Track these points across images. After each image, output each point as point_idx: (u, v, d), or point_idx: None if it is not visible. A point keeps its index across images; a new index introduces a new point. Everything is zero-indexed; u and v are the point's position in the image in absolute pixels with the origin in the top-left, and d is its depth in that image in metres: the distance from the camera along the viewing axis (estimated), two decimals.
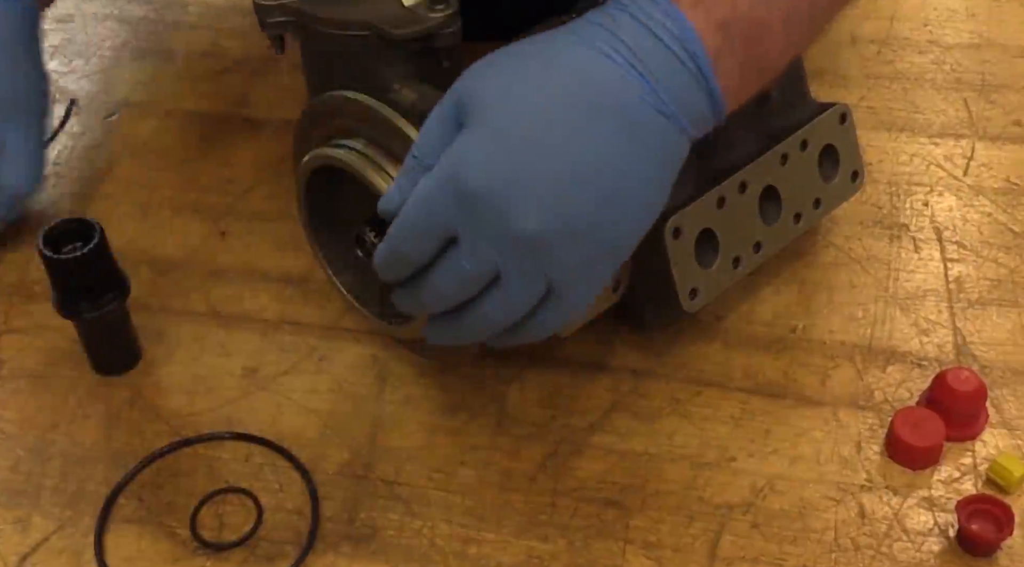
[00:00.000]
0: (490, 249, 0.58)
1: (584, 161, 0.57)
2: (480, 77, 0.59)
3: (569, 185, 0.57)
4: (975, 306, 0.79)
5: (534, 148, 0.56)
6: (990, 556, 0.66)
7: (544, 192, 0.56)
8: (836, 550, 0.66)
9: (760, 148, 0.75)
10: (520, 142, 0.56)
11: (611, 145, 0.57)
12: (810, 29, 0.63)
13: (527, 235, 0.56)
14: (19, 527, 0.69)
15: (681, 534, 0.67)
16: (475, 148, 0.57)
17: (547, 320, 0.61)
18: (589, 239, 0.58)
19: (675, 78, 0.58)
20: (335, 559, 0.67)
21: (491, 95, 0.58)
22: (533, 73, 0.58)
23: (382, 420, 0.74)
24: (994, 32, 1.01)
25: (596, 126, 0.57)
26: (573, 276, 0.59)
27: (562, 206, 0.57)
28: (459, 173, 0.57)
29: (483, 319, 0.61)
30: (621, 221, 0.59)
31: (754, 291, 0.80)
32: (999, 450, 0.71)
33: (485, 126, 0.57)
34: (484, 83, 0.58)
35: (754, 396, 0.74)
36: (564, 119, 0.57)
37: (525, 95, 0.57)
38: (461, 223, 0.58)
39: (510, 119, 0.57)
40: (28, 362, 0.78)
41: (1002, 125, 0.92)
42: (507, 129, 0.57)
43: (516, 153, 0.56)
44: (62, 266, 0.70)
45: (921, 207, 0.86)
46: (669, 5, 0.58)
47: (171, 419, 0.74)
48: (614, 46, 0.57)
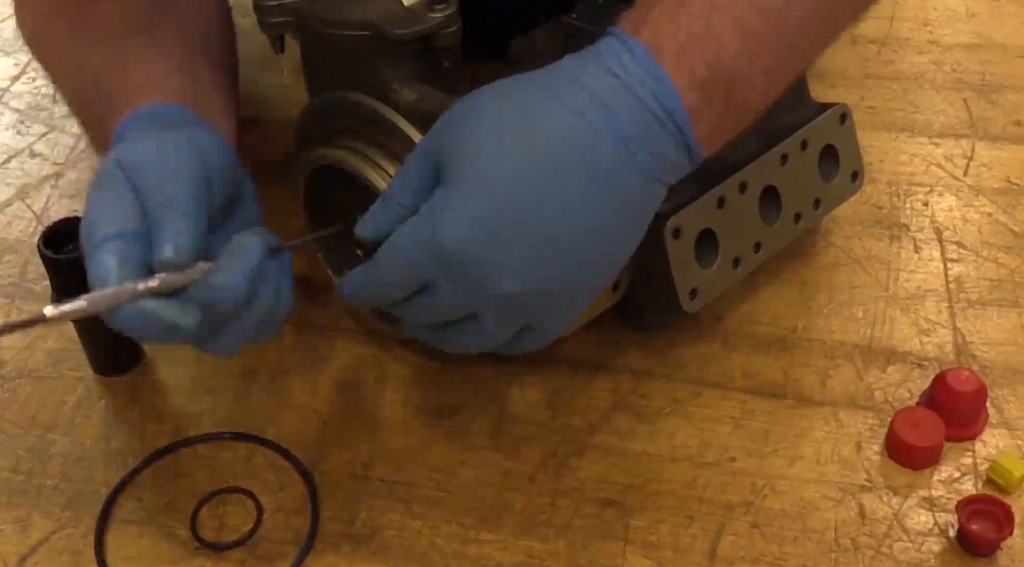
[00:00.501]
0: (466, 300, 0.59)
1: (559, 222, 0.57)
2: (457, 132, 0.59)
3: (545, 247, 0.57)
4: (975, 306, 0.79)
5: (510, 211, 0.57)
6: (990, 556, 0.66)
7: (520, 255, 0.57)
8: (836, 550, 0.66)
9: (760, 148, 0.75)
10: (497, 206, 0.57)
11: (586, 205, 0.57)
12: (790, 74, 0.63)
13: (504, 294, 0.57)
14: (19, 527, 0.69)
15: (681, 534, 0.67)
16: (452, 209, 0.57)
17: (525, 345, 0.62)
18: (568, 292, 0.59)
19: (652, 135, 0.57)
20: (335, 559, 0.67)
21: (468, 154, 0.57)
22: (510, 134, 0.57)
23: (382, 420, 0.74)
24: (994, 32, 1.01)
25: (571, 187, 0.57)
26: (552, 316, 0.61)
27: (539, 268, 0.57)
28: (436, 232, 0.57)
29: (459, 345, 0.62)
30: (598, 271, 0.60)
31: (754, 291, 0.80)
32: (999, 450, 0.71)
33: (461, 186, 0.57)
34: (461, 140, 0.58)
35: (754, 396, 0.74)
36: (539, 183, 0.57)
37: (502, 157, 0.57)
38: (437, 277, 0.58)
39: (486, 181, 0.57)
40: (28, 362, 0.78)
41: (1002, 125, 0.93)
42: (483, 191, 0.57)
43: (492, 216, 0.57)
44: (62, 266, 0.70)
45: (921, 207, 0.86)
46: (650, 61, 0.57)
47: (171, 419, 0.74)
48: (591, 105, 0.57)
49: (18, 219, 0.88)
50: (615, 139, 0.57)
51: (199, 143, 0.64)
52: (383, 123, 0.67)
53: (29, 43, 0.82)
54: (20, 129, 0.96)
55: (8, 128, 0.96)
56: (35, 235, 0.83)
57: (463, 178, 0.57)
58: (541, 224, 0.57)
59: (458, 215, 0.57)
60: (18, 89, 0.99)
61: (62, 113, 0.96)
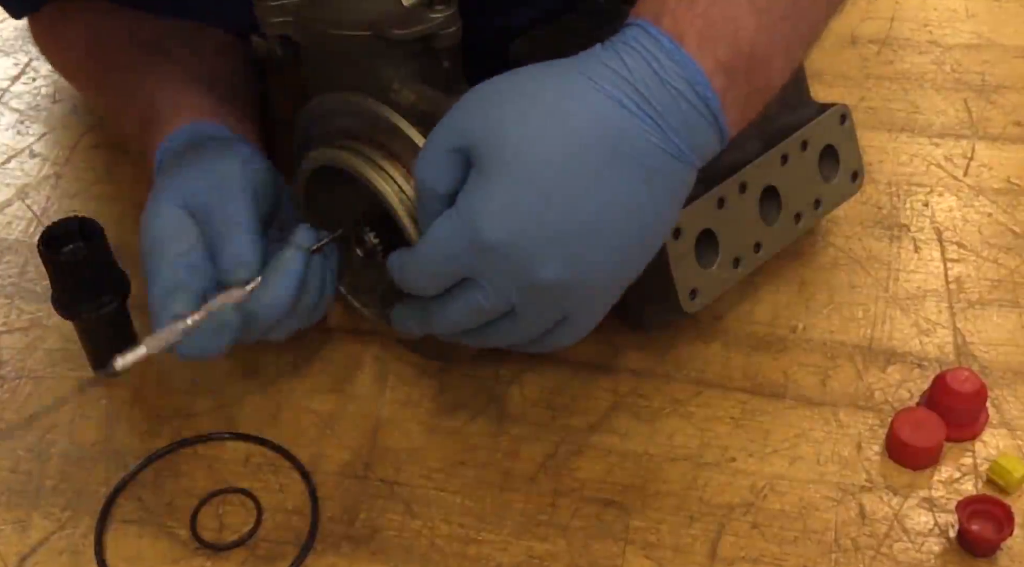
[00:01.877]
0: (508, 291, 0.58)
1: (602, 211, 0.57)
2: (490, 115, 0.58)
3: (588, 235, 0.57)
4: (975, 306, 0.79)
5: (553, 199, 0.56)
6: (990, 556, 0.66)
7: (563, 243, 0.57)
8: (836, 550, 0.66)
9: (760, 148, 0.75)
10: (539, 193, 0.56)
11: (627, 193, 0.57)
12: (805, 48, 0.64)
13: (547, 283, 0.57)
14: (19, 527, 0.69)
15: (681, 534, 0.67)
16: (492, 198, 0.57)
17: (558, 341, 0.62)
18: (606, 280, 0.60)
19: (688, 122, 0.58)
20: (335, 559, 0.67)
21: (506, 140, 0.57)
22: (548, 119, 0.57)
23: (382, 420, 0.74)
24: (994, 32, 1.01)
25: (613, 175, 0.57)
26: (588, 307, 0.61)
27: (581, 255, 0.57)
28: (476, 223, 0.56)
29: (491, 340, 0.62)
30: (637, 260, 0.60)
31: (754, 291, 0.80)
32: (999, 450, 0.71)
33: (501, 174, 0.57)
34: (496, 125, 0.57)
35: (754, 396, 0.74)
36: (581, 169, 0.57)
37: (542, 143, 0.57)
38: (479, 270, 0.58)
39: (527, 169, 0.56)
40: (28, 362, 0.78)
41: (1002, 125, 0.93)
42: (524, 179, 0.56)
43: (535, 204, 0.56)
44: (62, 266, 0.70)
45: (921, 207, 0.86)
46: (675, 47, 0.57)
47: (171, 419, 0.74)
48: (626, 92, 0.57)
49: (18, 219, 0.88)
50: (652, 126, 0.57)
51: (244, 158, 0.68)
52: (383, 123, 0.67)
53: (56, 68, 0.89)
54: (20, 129, 0.96)
55: (8, 128, 0.96)
56: (35, 235, 0.83)
57: (501, 164, 0.57)
58: (584, 214, 0.57)
59: (499, 205, 0.56)
60: (18, 89, 0.99)
61: (62, 113, 0.96)
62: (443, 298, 0.61)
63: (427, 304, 0.62)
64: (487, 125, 0.57)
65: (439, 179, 0.59)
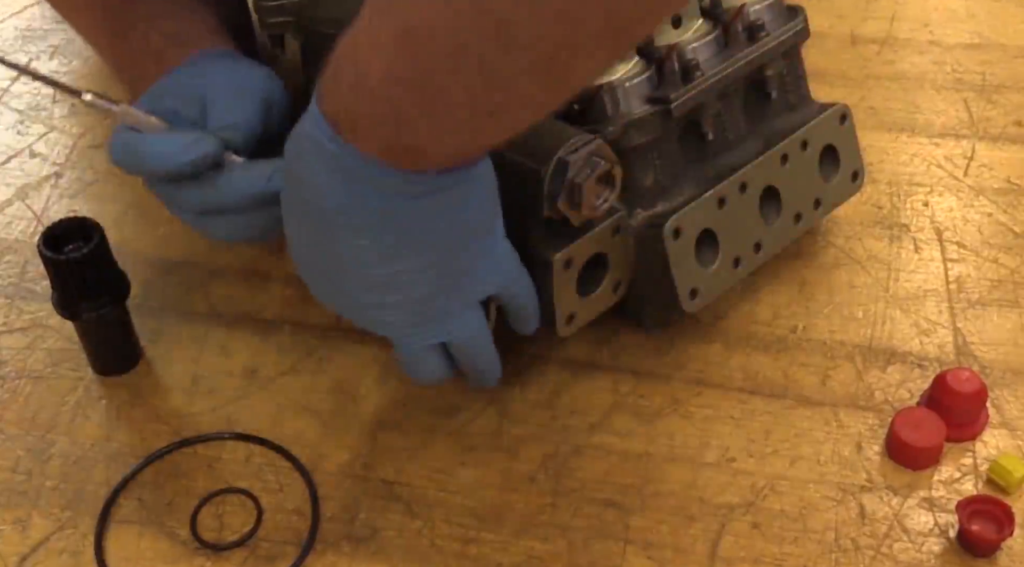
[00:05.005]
0: None
1: (337, 261, 0.62)
2: None
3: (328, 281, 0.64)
4: (975, 306, 0.79)
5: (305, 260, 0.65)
6: (990, 556, 0.66)
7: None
8: (836, 550, 0.66)
9: (760, 148, 0.75)
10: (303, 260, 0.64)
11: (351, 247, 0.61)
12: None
13: None
14: (19, 527, 0.69)
15: (681, 534, 0.67)
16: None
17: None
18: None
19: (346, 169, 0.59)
20: (335, 559, 0.67)
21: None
22: (293, 224, 0.63)
23: (382, 420, 0.74)
24: (994, 32, 1.01)
25: (331, 236, 0.61)
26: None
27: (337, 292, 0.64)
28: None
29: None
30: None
31: (754, 291, 0.80)
32: (999, 450, 0.71)
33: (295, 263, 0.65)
34: None
35: (754, 396, 0.74)
36: (314, 239, 0.62)
37: (294, 238, 0.64)
38: None
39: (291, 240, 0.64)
40: (28, 362, 0.78)
41: (1002, 125, 0.93)
42: (298, 263, 0.65)
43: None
44: (62, 266, 0.70)
45: (921, 207, 0.86)
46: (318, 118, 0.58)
47: (171, 419, 0.74)
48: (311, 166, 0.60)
49: (18, 219, 0.88)
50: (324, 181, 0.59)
51: (265, 72, 0.71)
52: None
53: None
54: (20, 129, 0.96)
55: (8, 128, 0.96)
56: (35, 235, 0.83)
57: None
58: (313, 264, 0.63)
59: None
60: (18, 89, 0.99)
61: (62, 113, 0.96)
62: None
63: None
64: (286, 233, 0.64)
65: None
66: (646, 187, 0.72)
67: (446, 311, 0.64)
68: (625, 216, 0.71)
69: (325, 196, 0.59)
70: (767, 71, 0.75)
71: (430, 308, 0.63)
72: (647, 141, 0.71)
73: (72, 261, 0.70)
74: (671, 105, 0.70)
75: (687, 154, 0.74)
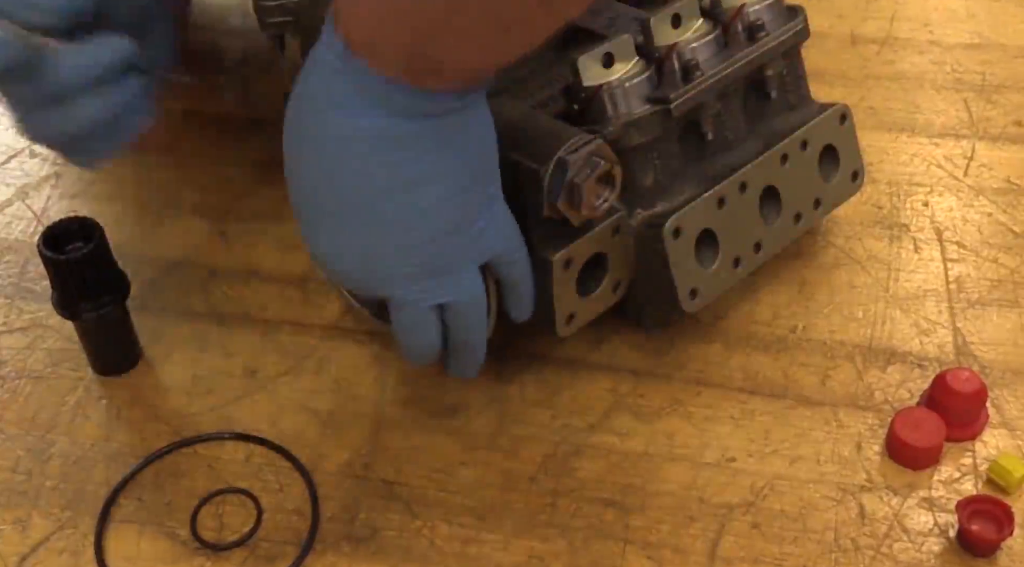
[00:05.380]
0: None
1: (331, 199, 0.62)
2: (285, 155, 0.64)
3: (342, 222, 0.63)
4: (975, 306, 0.79)
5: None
6: (990, 556, 0.66)
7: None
8: (836, 550, 0.66)
9: (760, 148, 0.75)
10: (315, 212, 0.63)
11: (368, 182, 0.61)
12: None
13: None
14: (19, 527, 0.69)
15: (681, 534, 0.67)
16: (304, 236, 0.65)
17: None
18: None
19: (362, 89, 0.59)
20: (335, 559, 0.67)
21: (287, 179, 0.64)
22: (301, 148, 0.62)
23: (382, 420, 0.74)
24: (994, 32, 1.01)
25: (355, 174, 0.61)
26: None
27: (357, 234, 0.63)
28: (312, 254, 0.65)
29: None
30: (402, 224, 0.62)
31: (754, 291, 0.80)
32: (999, 450, 0.71)
33: (294, 212, 0.64)
34: (285, 165, 0.63)
35: (754, 396, 0.74)
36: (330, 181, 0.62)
37: (301, 179, 0.63)
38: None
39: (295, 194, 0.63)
40: (28, 362, 0.78)
41: (1002, 125, 0.93)
42: (300, 211, 0.64)
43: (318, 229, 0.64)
44: (62, 266, 0.70)
45: (921, 207, 0.86)
46: (334, 40, 0.59)
47: (171, 419, 0.74)
48: (326, 98, 0.60)
49: (18, 219, 0.88)
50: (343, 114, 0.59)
51: None
52: None
53: None
54: None
55: (8, 128, 0.96)
56: (35, 235, 0.83)
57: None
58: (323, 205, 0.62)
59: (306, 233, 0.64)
60: None
61: None
62: None
63: None
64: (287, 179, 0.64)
65: None
66: (646, 187, 0.72)
67: (450, 265, 0.63)
68: (625, 216, 0.71)
69: (340, 123, 0.59)
70: (767, 71, 0.75)
71: (435, 258, 0.63)
72: (647, 141, 0.71)
73: (72, 261, 0.70)
74: (671, 105, 0.70)
75: (687, 154, 0.74)
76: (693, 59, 0.71)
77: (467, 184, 0.62)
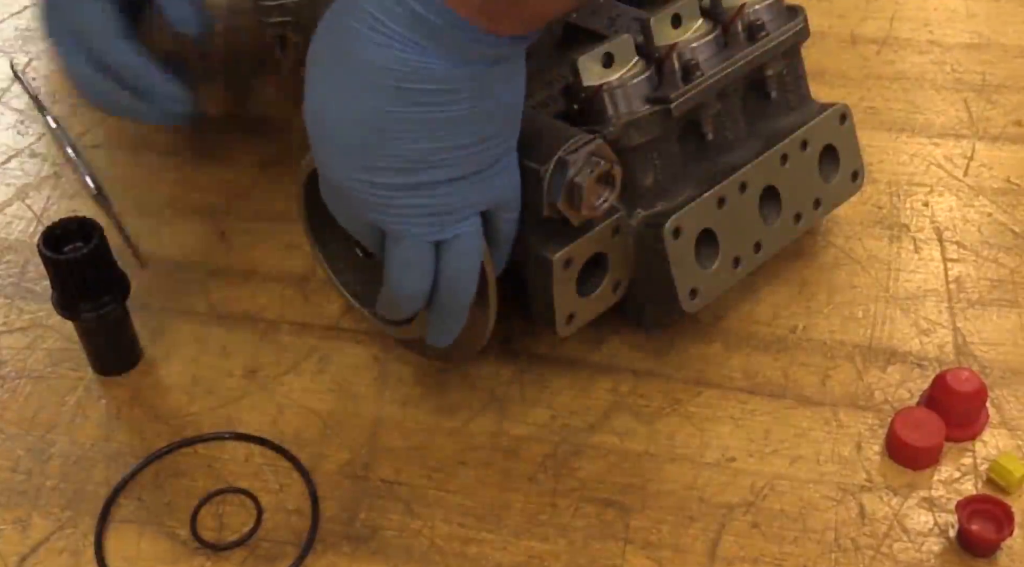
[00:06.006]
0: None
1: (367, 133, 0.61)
2: (307, 93, 0.63)
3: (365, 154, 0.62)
4: (975, 306, 0.79)
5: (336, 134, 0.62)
6: (990, 556, 0.66)
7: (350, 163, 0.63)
8: (836, 550, 0.66)
9: (760, 148, 0.75)
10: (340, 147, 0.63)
11: (415, 115, 0.60)
12: None
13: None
14: (19, 527, 0.69)
15: (681, 534, 0.67)
16: (321, 162, 0.64)
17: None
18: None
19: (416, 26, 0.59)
20: (335, 559, 0.67)
21: (309, 113, 0.63)
22: (331, 81, 0.62)
23: (382, 420, 0.74)
24: (994, 32, 1.01)
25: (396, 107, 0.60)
26: None
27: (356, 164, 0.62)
28: (325, 180, 0.65)
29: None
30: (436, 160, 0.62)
31: (754, 291, 0.80)
32: (999, 450, 0.71)
33: (314, 141, 0.64)
34: (307, 101, 0.63)
35: (754, 396, 0.74)
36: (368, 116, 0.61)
37: (328, 108, 0.62)
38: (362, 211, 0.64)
39: (325, 133, 0.63)
40: (28, 362, 0.78)
41: (1002, 125, 0.93)
42: (324, 141, 0.63)
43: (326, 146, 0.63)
44: (62, 266, 0.70)
45: (921, 207, 0.86)
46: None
47: (171, 419, 0.74)
48: (372, 25, 0.59)
49: (18, 219, 0.88)
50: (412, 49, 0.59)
51: None
52: None
53: None
54: (20, 129, 0.96)
55: (8, 128, 0.96)
56: (35, 235, 0.83)
57: (312, 136, 0.64)
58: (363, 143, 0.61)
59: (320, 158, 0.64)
60: (18, 89, 0.99)
61: (62, 113, 0.96)
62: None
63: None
64: (306, 102, 0.63)
65: None
66: (646, 187, 0.72)
67: (456, 207, 0.63)
68: (625, 216, 0.71)
69: (385, 55, 0.59)
70: (767, 71, 0.75)
71: (444, 198, 0.62)
72: (647, 141, 0.71)
73: (72, 261, 0.70)
74: (671, 105, 0.70)
75: (687, 154, 0.74)
76: (693, 59, 0.71)
77: (492, 134, 0.62)
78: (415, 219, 0.63)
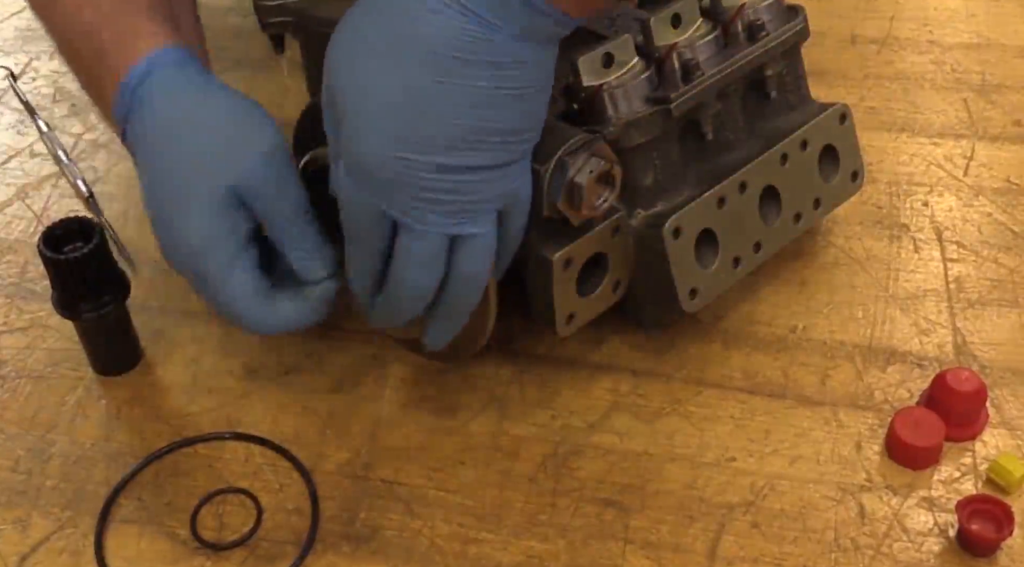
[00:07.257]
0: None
1: (424, 118, 0.60)
2: (340, 71, 0.62)
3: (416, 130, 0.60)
4: (975, 306, 0.79)
5: (387, 117, 0.60)
6: (990, 556, 0.66)
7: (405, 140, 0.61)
8: (836, 550, 0.66)
9: (760, 148, 0.75)
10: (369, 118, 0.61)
11: (471, 91, 0.60)
12: None
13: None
14: (19, 527, 0.69)
15: (681, 534, 0.67)
16: (353, 139, 0.61)
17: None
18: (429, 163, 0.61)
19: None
20: (335, 559, 0.67)
21: (347, 93, 0.61)
22: (379, 54, 0.60)
23: (382, 420, 0.74)
24: (994, 32, 1.01)
25: (430, 87, 0.59)
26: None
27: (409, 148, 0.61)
28: (354, 158, 0.62)
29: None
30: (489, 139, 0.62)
31: (754, 291, 0.80)
32: (999, 450, 0.71)
33: (351, 117, 0.61)
34: (343, 79, 0.62)
35: (754, 396, 0.74)
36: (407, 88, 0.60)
37: (373, 81, 0.61)
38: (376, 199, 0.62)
39: (367, 112, 0.61)
40: (28, 362, 0.78)
41: (1002, 125, 0.93)
42: (365, 121, 0.61)
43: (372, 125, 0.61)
44: (62, 266, 0.70)
45: (921, 207, 0.86)
46: None
47: (171, 419, 0.74)
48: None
49: (18, 219, 0.88)
50: (478, 25, 0.58)
51: (262, 116, 0.68)
52: None
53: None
54: (20, 129, 0.96)
55: (8, 128, 0.96)
56: (35, 235, 0.83)
57: (351, 112, 0.61)
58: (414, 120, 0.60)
59: (359, 138, 0.61)
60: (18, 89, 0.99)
61: (62, 113, 0.96)
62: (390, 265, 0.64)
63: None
64: (337, 83, 0.62)
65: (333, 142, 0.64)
66: (646, 187, 0.72)
67: (485, 199, 0.63)
68: (625, 216, 0.71)
69: (457, 31, 0.58)
70: (767, 71, 0.75)
71: (479, 189, 0.62)
72: (647, 141, 0.71)
73: (72, 261, 0.70)
74: (671, 105, 0.70)
75: (687, 154, 0.74)
76: (693, 59, 0.71)
77: (525, 127, 0.62)
78: (439, 205, 0.61)
